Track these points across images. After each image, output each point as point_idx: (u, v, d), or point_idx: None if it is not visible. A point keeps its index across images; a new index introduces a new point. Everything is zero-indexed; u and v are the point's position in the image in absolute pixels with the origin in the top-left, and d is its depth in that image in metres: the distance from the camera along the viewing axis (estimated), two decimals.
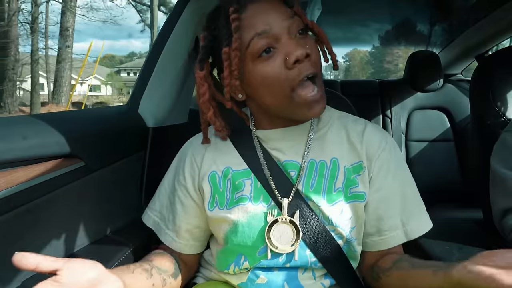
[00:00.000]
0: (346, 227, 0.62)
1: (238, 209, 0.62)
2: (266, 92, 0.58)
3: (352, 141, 0.64)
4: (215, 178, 0.65)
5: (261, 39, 0.55)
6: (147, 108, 0.97)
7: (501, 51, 1.03)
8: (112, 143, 0.85)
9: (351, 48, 23.93)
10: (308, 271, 0.62)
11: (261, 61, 0.55)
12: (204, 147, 0.68)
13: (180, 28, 0.97)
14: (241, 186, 0.63)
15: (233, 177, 0.64)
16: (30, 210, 0.64)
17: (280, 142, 0.65)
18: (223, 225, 0.64)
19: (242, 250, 0.63)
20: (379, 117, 1.85)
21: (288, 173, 0.63)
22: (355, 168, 0.63)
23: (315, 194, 0.61)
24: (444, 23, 1.92)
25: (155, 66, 0.96)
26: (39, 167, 0.65)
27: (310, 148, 0.63)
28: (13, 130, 0.65)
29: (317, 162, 0.63)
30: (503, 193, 0.77)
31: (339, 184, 0.62)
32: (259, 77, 0.56)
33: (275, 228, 0.60)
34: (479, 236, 0.85)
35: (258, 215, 0.62)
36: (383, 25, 2.03)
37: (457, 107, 1.81)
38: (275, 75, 0.55)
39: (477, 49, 1.87)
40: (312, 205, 0.61)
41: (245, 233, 0.62)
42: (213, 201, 0.65)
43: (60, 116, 0.81)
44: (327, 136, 0.65)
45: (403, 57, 14.47)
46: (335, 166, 0.62)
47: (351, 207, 0.62)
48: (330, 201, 0.61)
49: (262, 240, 0.60)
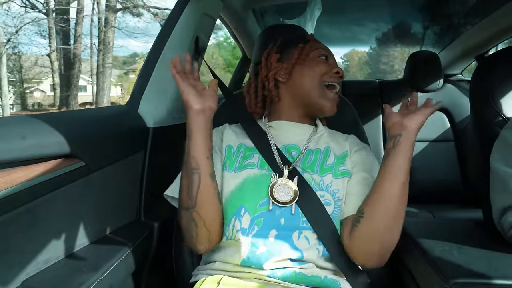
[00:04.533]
0: (334, 195, 0.75)
1: (246, 172, 0.76)
2: (310, 77, 0.82)
3: (340, 142, 0.85)
4: (231, 149, 0.81)
5: (321, 49, 0.86)
6: (147, 108, 0.97)
7: (501, 51, 1.03)
8: (112, 143, 0.84)
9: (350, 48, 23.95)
10: (302, 238, 0.71)
11: (320, 60, 0.84)
12: (224, 129, 0.86)
13: (180, 28, 0.97)
14: (250, 156, 0.79)
15: (244, 150, 0.80)
16: (30, 210, 0.64)
17: (288, 131, 0.84)
18: (229, 185, 0.75)
19: (244, 203, 0.73)
20: (379, 117, 1.85)
21: (290, 152, 0.80)
22: (343, 155, 0.81)
23: (310, 167, 0.78)
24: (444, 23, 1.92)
25: (155, 66, 0.96)
26: (38, 167, 0.65)
27: (310, 141, 0.82)
28: (12, 130, 0.65)
29: (313, 149, 0.81)
30: (503, 191, 0.77)
31: (330, 162, 0.79)
32: (313, 70, 0.82)
33: (277, 187, 0.73)
34: (479, 236, 0.85)
35: (263, 176, 0.75)
36: (382, 25, 2.03)
37: (457, 107, 1.81)
38: (324, 69, 0.82)
39: (477, 49, 1.87)
40: (307, 177, 0.76)
41: (250, 187, 0.74)
42: (224, 164, 0.78)
43: (59, 116, 0.81)
44: (323, 136, 0.86)
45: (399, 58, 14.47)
46: (327, 151, 0.81)
47: (339, 182, 0.77)
48: (322, 173, 0.77)
49: (264, 195, 0.73)
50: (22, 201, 0.62)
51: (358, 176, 0.78)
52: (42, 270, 0.68)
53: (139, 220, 0.95)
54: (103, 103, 12.64)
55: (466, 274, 0.64)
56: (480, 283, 0.62)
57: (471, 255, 0.71)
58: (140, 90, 0.97)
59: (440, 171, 1.74)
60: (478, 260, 0.69)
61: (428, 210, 1.60)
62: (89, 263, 0.73)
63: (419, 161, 1.77)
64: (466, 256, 0.70)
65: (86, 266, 0.71)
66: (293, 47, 0.86)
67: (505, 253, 0.71)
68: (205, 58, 1.11)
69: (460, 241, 0.77)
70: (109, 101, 13.20)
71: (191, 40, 1.00)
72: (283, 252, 0.69)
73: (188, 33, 0.98)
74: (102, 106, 11.47)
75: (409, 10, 1.73)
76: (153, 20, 13.19)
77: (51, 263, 0.70)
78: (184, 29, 0.97)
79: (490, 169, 0.82)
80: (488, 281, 0.62)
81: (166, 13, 13.07)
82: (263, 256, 0.68)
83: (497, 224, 0.80)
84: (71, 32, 12.94)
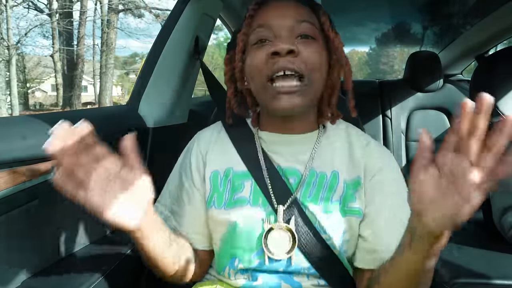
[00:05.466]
0: (340, 239, 0.61)
1: (236, 211, 0.62)
2: (251, 78, 0.62)
3: (354, 155, 0.64)
4: (217, 177, 0.66)
5: (261, 31, 0.60)
6: (147, 108, 0.97)
7: (501, 52, 1.03)
8: (112, 143, 0.84)
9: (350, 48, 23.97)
10: (303, 275, 0.62)
11: (255, 49, 0.60)
12: (209, 141, 0.70)
13: (180, 28, 0.97)
14: (240, 187, 0.64)
15: (233, 177, 0.65)
16: (30, 210, 0.64)
17: (284, 147, 0.65)
18: (220, 227, 0.64)
19: (237, 253, 0.63)
20: (379, 117, 1.85)
21: (288, 179, 0.63)
22: (354, 184, 0.63)
23: (312, 203, 0.62)
24: (444, 23, 1.92)
25: (155, 66, 0.97)
26: (38, 167, 0.65)
27: (314, 157, 0.64)
28: (12, 130, 0.65)
29: (317, 172, 0.63)
30: (503, 192, 0.77)
31: (337, 197, 0.62)
32: (248, 62, 0.61)
33: (272, 235, 0.60)
34: (479, 236, 0.85)
35: (255, 219, 0.62)
36: (382, 25, 2.03)
37: (457, 107, 1.80)
38: (257, 62, 0.59)
39: (477, 49, 1.87)
40: (308, 214, 0.61)
41: (242, 236, 0.62)
42: (210, 200, 0.65)
43: (59, 116, 0.81)
44: (331, 148, 0.65)
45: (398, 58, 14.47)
46: (335, 178, 0.63)
47: (346, 221, 0.61)
48: (326, 212, 0.61)
49: (258, 244, 0.61)
50: (22, 201, 0.62)
51: (375, 216, 0.61)
52: (42, 270, 0.68)
53: None
54: (106, 103, 12.77)
55: (466, 274, 0.64)
56: (480, 283, 0.62)
57: (471, 255, 0.71)
58: (140, 90, 0.97)
59: None
60: (478, 260, 0.69)
61: None
62: (89, 263, 0.73)
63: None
64: (466, 256, 0.70)
65: (86, 266, 0.71)
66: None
67: (505, 253, 0.71)
68: (205, 59, 1.12)
69: (460, 241, 0.77)
70: (111, 101, 13.32)
71: (191, 40, 1.00)
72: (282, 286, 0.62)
73: (188, 33, 0.98)
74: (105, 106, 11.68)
75: (409, 10, 1.73)
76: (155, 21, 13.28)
77: (51, 263, 0.70)
78: (184, 29, 0.97)
79: None
80: (488, 281, 0.62)
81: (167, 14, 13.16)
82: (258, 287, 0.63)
83: (497, 224, 0.80)
84: (74, 33, 13.15)
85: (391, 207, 0.61)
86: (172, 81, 0.98)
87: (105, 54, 12.99)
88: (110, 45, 12.94)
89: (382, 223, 0.61)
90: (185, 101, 1.07)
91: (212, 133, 0.71)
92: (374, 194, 0.62)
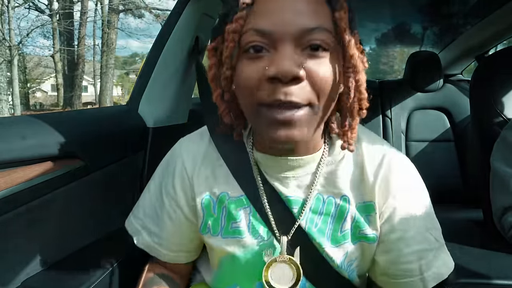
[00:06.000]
0: (350, 267, 0.57)
1: (235, 242, 0.57)
2: (240, 99, 0.49)
3: (367, 174, 0.55)
4: (209, 204, 0.58)
5: (257, 34, 0.44)
6: (147, 108, 0.97)
7: (501, 52, 1.03)
8: (112, 143, 0.85)
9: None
10: None
11: (247, 58, 0.45)
12: (196, 160, 0.59)
13: (180, 28, 0.97)
14: (237, 217, 0.56)
15: (229, 204, 0.57)
16: (30, 210, 0.64)
17: (283, 173, 0.55)
18: (217, 252, 0.60)
19: (238, 281, 0.59)
20: (379, 117, 1.85)
21: (291, 207, 0.55)
22: (367, 207, 0.55)
23: (319, 234, 0.55)
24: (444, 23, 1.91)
25: (155, 66, 0.96)
26: (38, 167, 0.65)
27: (319, 181, 0.55)
28: (12, 130, 0.65)
29: (324, 198, 0.55)
30: (503, 191, 0.77)
31: (347, 226, 0.55)
32: (238, 77, 0.46)
33: (274, 268, 0.55)
34: (479, 236, 0.85)
35: (255, 251, 0.56)
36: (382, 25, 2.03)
37: (457, 107, 1.80)
38: (248, 83, 0.45)
39: (477, 49, 1.87)
40: (316, 244, 0.55)
41: (241, 267, 0.57)
42: (205, 226, 0.59)
43: (59, 116, 0.81)
44: (339, 168, 0.55)
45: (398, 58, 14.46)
46: (345, 205, 0.54)
47: (358, 248, 0.56)
48: (335, 243, 0.55)
49: (259, 277, 0.55)
50: (22, 201, 0.62)
51: (392, 244, 0.55)
52: (42, 270, 0.68)
53: None
54: (106, 103, 12.85)
55: (466, 274, 0.64)
56: (480, 283, 0.62)
57: (471, 255, 0.71)
58: (140, 90, 0.97)
59: (440, 171, 1.74)
60: (478, 260, 0.69)
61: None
62: (89, 263, 0.73)
63: (419, 161, 1.77)
64: (466, 256, 0.70)
65: (86, 266, 0.71)
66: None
67: (505, 253, 0.71)
68: (205, 59, 1.11)
69: (460, 241, 0.77)
70: (111, 101, 13.39)
71: (191, 40, 1.00)
72: None
73: (188, 33, 0.98)
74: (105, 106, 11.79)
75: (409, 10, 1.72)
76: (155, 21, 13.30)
77: (51, 263, 0.70)
78: (184, 29, 0.97)
79: (491, 169, 0.82)
80: (488, 281, 0.62)
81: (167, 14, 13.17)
82: None
83: (497, 224, 0.80)
84: (75, 33, 13.25)
85: (415, 231, 0.54)
86: (172, 81, 0.98)
87: (106, 54, 13.03)
88: (110, 45, 12.98)
89: (403, 250, 0.54)
90: (185, 101, 1.07)
91: (198, 148, 0.60)
92: (393, 219, 0.54)
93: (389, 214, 0.54)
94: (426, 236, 0.55)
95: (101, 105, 12.36)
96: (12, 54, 10.11)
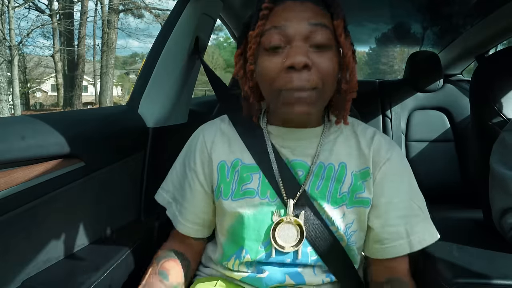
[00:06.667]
0: (347, 230, 0.64)
1: (245, 202, 0.64)
2: (262, 86, 0.61)
3: (361, 147, 0.66)
4: (224, 168, 0.67)
5: (275, 34, 0.57)
6: (147, 108, 0.97)
7: (501, 52, 1.02)
8: (112, 143, 0.85)
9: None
10: (309, 268, 0.65)
11: (268, 54, 0.58)
12: (214, 134, 0.70)
13: (180, 28, 0.97)
14: (248, 179, 0.65)
15: (241, 169, 0.66)
16: (30, 210, 0.64)
17: (291, 142, 0.66)
18: (227, 218, 0.67)
19: (244, 243, 0.65)
20: (379, 117, 1.85)
21: (296, 172, 0.65)
22: (363, 174, 0.64)
23: (321, 196, 0.64)
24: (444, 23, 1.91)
25: (155, 66, 0.97)
26: (38, 167, 0.65)
27: (320, 151, 0.65)
28: (12, 130, 0.65)
29: (325, 165, 0.65)
30: (502, 193, 0.77)
31: (345, 189, 0.64)
32: (261, 68, 0.59)
33: (280, 227, 0.62)
34: (479, 236, 0.85)
35: (264, 210, 0.64)
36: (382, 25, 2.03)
37: (457, 107, 1.80)
38: (270, 73, 0.57)
39: (477, 49, 1.87)
40: (317, 206, 0.64)
41: (250, 226, 0.64)
42: (218, 191, 0.67)
43: (59, 116, 0.81)
44: (337, 141, 0.67)
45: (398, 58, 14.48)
46: (343, 170, 0.64)
47: (354, 212, 0.64)
48: (334, 204, 0.63)
49: (266, 236, 0.63)
50: (22, 201, 0.62)
51: (384, 207, 0.64)
52: (42, 270, 0.68)
53: (139, 220, 0.95)
54: (106, 103, 12.98)
55: (466, 274, 0.64)
56: (480, 283, 0.62)
57: (471, 255, 0.71)
58: (140, 90, 0.97)
59: (440, 171, 1.74)
60: (478, 260, 0.69)
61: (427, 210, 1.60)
62: (89, 263, 0.73)
63: (419, 161, 1.77)
64: (466, 256, 0.70)
65: (86, 266, 0.71)
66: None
67: (505, 253, 0.71)
68: (205, 58, 1.12)
69: (460, 241, 0.77)
70: (111, 101, 13.49)
71: (191, 40, 1.00)
72: (286, 280, 0.64)
73: (188, 33, 0.98)
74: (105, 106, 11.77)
75: (408, 10, 1.73)
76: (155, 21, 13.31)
77: (51, 263, 0.70)
78: (184, 29, 0.97)
79: (490, 170, 0.81)
80: (488, 281, 0.62)
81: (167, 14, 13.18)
82: (263, 280, 0.65)
83: (497, 225, 0.80)
84: (75, 33, 13.35)
85: (400, 197, 0.64)
86: (172, 81, 0.98)
87: (106, 54, 13.07)
88: (110, 45, 13.05)
89: (391, 213, 0.64)
90: (185, 101, 1.07)
91: (218, 127, 0.72)
92: (383, 184, 0.64)
93: (380, 178, 0.64)
94: (409, 203, 0.65)
95: (101, 105, 12.42)
96: (12, 54, 10.16)
